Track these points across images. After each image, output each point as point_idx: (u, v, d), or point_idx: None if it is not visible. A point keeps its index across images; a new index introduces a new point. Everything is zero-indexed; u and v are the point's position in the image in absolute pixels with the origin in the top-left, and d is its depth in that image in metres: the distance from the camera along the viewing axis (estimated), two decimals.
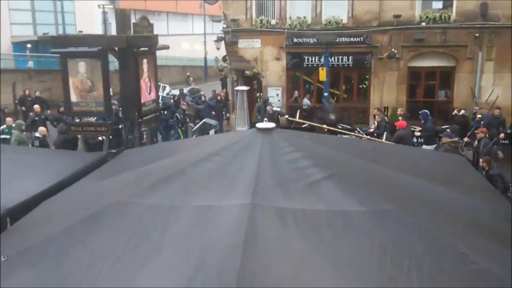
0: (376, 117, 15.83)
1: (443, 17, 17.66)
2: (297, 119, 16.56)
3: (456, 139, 12.93)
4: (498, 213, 4.16)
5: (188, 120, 18.32)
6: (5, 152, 6.83)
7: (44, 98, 21.91)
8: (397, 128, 14.20)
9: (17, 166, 5.76)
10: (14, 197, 4.80)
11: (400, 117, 15.29)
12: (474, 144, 12.95)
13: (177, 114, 18.00)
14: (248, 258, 2.92)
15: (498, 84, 17.52)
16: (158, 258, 3.09)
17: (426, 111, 15.31)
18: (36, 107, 17.51)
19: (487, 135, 12.65)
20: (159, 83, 23.47)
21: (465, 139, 13.70)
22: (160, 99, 19.74)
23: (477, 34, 17.44)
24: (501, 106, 16.11)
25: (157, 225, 3.37)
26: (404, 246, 3.14)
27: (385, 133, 14.46)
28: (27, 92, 22.21)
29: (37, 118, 16.60)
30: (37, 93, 21.97)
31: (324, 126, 15.75)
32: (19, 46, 31.71)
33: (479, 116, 15.35)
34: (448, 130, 14.44)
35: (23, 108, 21.11)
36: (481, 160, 10.61)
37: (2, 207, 4.57)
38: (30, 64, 30.23)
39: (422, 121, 14.88)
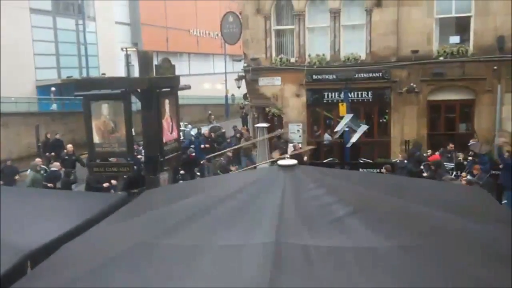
0: None
1: (460, 51, 17.73)
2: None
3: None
4: None
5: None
6: (26, 195, 6.88)
7: (62, 141, 22.00)
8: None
9: (37, 209, 5.72)
10: (35, 240, 4.73)
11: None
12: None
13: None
14: None
15: None
16: None
17: None
18: (69, 146, 17.59)
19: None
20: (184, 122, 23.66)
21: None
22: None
23: (495, 67, 17.44)
24: None
25: (181, 265, 3.33)
26: (434, 281, 3.06)
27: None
28: (48, 135, 22.49)
29: (67, 157, 16.69)
30: (58, 136, 22.18)
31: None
32: (43, 89, 32.50)
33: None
34: None
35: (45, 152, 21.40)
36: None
37: (22, 250, 4.51)
38: (54, 106, 30.85)
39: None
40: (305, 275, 3.12)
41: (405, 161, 15.71)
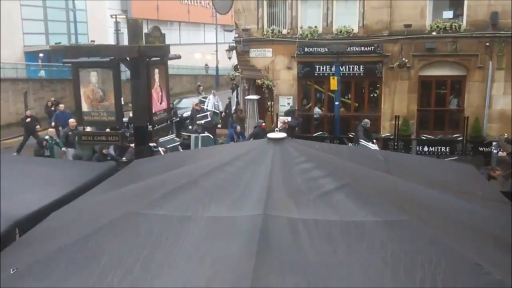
0: None
1: (453, 26, 17.61)
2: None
3: None
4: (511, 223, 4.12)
5: None
6: (16, 163, 6.87)
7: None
8: None
9: (27, 177, 5.75)
10: (24, 208, 4.76)
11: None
12: None
13: None
14: (260, 269, 2.91)
15: (508, 93, 17.45)
16: (170, 269, 3.07)
17: None
18: (72, 121, 16.46)
19: None
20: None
21: None
22: (208, 116, 19.18)
23: (487, 44, 17.37)
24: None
25: (169, 236, 3.35)
26: (418, 256, 3.10)
27: None
28: (49, 103, 22.25)
29: (70, 133, 16.19)
30: (61, 106, 20.91)
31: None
32: (31, 55, 32.01)
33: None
34: None
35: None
36: None
37: (11, 218, 4.54)
38: (42, 73, 30.46)
39: None
40: (292, 248, 3.15)
41: None
